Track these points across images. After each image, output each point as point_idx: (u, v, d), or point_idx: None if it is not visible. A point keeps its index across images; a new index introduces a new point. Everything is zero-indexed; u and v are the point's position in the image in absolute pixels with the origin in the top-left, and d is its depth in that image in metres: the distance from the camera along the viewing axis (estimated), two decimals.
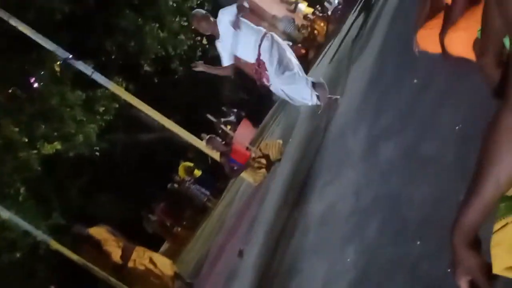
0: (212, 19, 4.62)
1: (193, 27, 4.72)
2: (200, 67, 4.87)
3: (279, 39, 4.71)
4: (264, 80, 4.65)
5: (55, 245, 6.99)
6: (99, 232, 6.05)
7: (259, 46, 4.50)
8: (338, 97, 4.60)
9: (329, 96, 4.60)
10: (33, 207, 10.72)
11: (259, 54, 4.51)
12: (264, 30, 4.67)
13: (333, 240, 2.68)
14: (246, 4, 4.54)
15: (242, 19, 4.55)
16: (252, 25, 4.67)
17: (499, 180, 0.88)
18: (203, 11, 4.83)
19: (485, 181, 0.89)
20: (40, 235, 7.73)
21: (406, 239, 1.91)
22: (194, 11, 4.90)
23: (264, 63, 4.52)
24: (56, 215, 11.34)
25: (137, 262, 5.98)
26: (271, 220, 4.38)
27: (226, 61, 4.71)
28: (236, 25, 4.43)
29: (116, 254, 5.92)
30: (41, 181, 11.53)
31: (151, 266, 6.02)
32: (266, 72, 4.56)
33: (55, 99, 10.73)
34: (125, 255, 5.98)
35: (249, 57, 4.62)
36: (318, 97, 4.54)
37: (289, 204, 4.13)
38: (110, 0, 13.69)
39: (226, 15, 4.52)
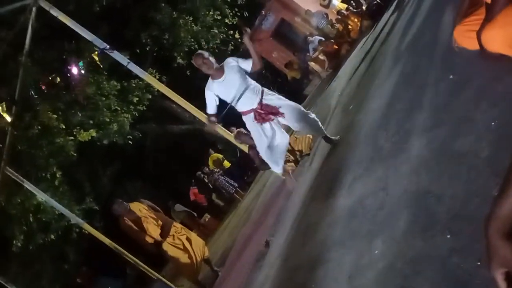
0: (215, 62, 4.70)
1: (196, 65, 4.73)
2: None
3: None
4: (271, 117, 4.69)
5: (88, 228, 7.23)
6: (139, 208, 6.21)
7: (262, 92, 4.67)
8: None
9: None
10: (68, 191, 11.11)
11: (261, 98, 4.64)
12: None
13: (361, 233, 2.69)
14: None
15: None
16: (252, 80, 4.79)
17: None
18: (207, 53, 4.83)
19: None
20: (73, 218, 8.01)
21: (436, 233, 1.91)
22: (199, 51, 4.87)
23: (267, 105, 4.64)
24: (89, 199, 11.71)
25: (175, 237, 6.13)
26: (298, 212, 4.41)
27: (212, 109, 4.81)
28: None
29: (154, 231, 6.08)
30: (76, 167, 11.93)
31: (187, 244, 6.16)
32: (273, 115, 4.67)
33: (91, 88, 11.07)
34: (164, 232, 6.14)
35: (252, 102, 4.66)
36: None
37: (317, 198, 4.15)
38: None
39: (235, 62, 4.66)
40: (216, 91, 4.69)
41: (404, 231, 2.22)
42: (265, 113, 4.65)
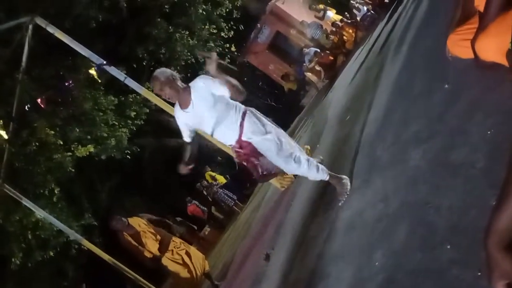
0: (180, 83, 3.65)
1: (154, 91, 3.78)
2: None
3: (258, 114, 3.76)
4: (254, 160, 3.72)
5: (87, 244, 7.18)
6: (138, 223, 6.17)
7: (240, 124, 3.58)
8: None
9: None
10: (66, 207, 11.06)
11: (240, 134, 3.59)
12: (243, 106, 3.70)
13: (361, 245, 2.68)
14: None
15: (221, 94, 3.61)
16: (231, 100, 3.67)
17: None
18: (171, 72, 3.72)
19: None
20: (72, 234, 7.95)
21: (435, 244, 1.90)
22: (156, 72, 3.70)
23: (249, 143, 3.62)
24: (88, 215, 11.65)
25: (174, 252, 6.09)
26: (297, 225, 4.39)
27: (187, 136, 3.94)
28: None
29: (153, 246, 6.05)
30: (74, 183, 11.89)
31: (186, 259, 6.12)
32: (254, 156, 3.70)
33: (88, 104, 11.09)
34: (163, 247, 6.10)
35: (229, 137, 3.68)
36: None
37: (315, 210, 4.14)
38: (143, 8, 14.07)
39: (206, 85, 3.60)
40: (185, 121, 3.78)
41: (404, 242, 2.21)
42: (246, 154, 3.68)
